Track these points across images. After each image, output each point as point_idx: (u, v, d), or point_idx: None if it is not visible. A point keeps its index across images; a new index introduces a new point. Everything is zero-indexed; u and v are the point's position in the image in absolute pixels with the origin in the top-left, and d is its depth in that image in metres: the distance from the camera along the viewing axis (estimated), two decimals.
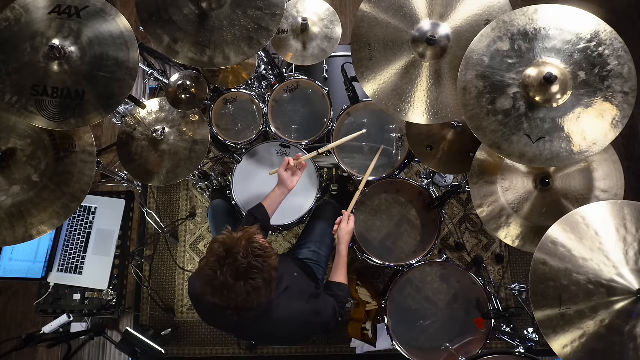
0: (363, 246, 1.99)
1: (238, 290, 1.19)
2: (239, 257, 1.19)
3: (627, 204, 1.24)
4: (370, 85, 1.46)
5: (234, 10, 1.48)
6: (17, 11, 1.37)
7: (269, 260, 1.24)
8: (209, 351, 2.56)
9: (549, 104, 1.25)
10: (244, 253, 1.20)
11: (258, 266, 1.20)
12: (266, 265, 1.22)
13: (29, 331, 2.02)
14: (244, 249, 1.21)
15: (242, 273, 1.19)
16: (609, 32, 1.22)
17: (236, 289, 1.19)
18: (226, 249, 1.21)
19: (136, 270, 2.56)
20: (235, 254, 1.19)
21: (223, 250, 1.21)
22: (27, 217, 1.43)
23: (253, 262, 1.20)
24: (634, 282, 1.17)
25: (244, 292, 1.19)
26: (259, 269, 1.20)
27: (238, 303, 1.21)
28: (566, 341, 1.20)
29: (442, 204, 1.96)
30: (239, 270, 1.18)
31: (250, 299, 1.21)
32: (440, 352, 1.93)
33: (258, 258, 1.21)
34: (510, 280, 2.56)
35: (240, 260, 1.19)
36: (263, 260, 1.22)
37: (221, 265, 1.19)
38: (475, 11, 1.39)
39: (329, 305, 1.54)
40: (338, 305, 1.57)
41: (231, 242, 1.22)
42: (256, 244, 1.23)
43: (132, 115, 1.79)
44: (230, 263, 1.19)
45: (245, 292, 1.19)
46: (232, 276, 1.18)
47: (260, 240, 1.26)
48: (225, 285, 1.18)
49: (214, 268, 1.20)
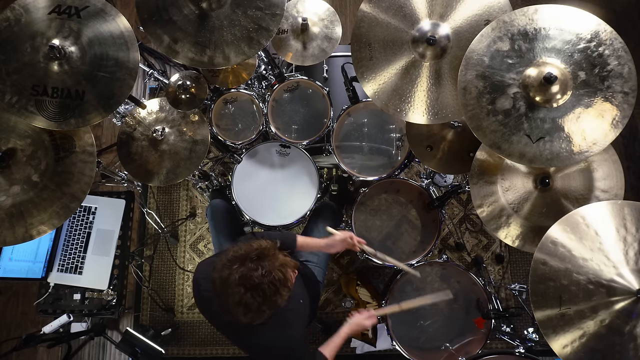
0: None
1: (233, 293, 1.16)
2: (259, 270, 1.15)
3: (627, 204, 1.24)
4: (370, 85, 1.46)
5: (234, 10, 1.48)
6: (17, 11, 1.37)
7: (278, 297, 1.18)
8: (209, 351, 2.56)
9: (549, 104, 1.25)
10: (266, 272, 1.16)
11: (266, 291, 1.16)
12: (272, 298, 1.17)
13: (29, 331, 2.02)
14: (270, 268, 1.16)
15: (248, 284, 1.15)
16: (609, 32, 1.22)
17: (232, 290, 1.16)
18: (258, 255, 1.17)
19: (136, 270, 2.56)
20: (260, 265, 1.16)
21: (256, 253, 1.17)
22: (27, 217, 1.43)
23: (264, 285, 1.15)
24: (634, 282, 1.17)
25: (235, 299, 1.15)
26: (264, 294, 1.16)
27: (227, 305, 1.18)
28: (566, 341, 1.20)
29: (442, 204, 1.96)
30: (248, 280, 1.15)
31: (236, 310, 1.17)
32: (440, 352, 1.93)
33: (272, 286, 1.16)
34: (510, 280, 2.55)
35: (257, 274, 1.15)
36: (274, 292, 1.17)
37: (242, 262, 1.16)
38: (475, 11, 1.39)
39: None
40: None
41: (267, 254, 1.19)
42: (282, 275, 1.18)
43: (132, 115, 1.79)
44: (250, 267, 1.15)
45: (237, 300, 1.15)
46: (240, 277, 1.15)
47: (289, 275, 1.21)
48: (227, 281, 1.16)
49: (233, 260, 1.17)
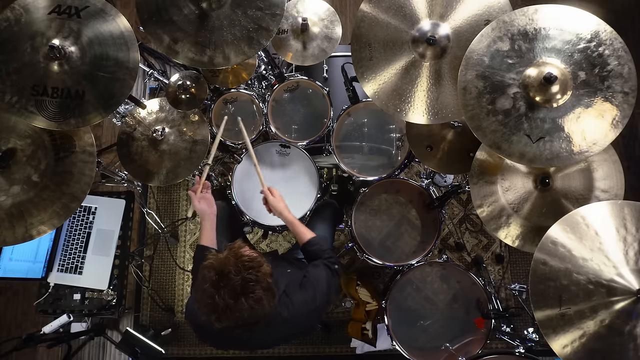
0: (363, 246, 1.99)
1: (241, 306, 1.18)
2: (231, 275, 1.18)
3: (627, 204, 1.24)
4: (370, 85, 1.46)
5: (234, 10, 1.48)
6: (17, 11, 1.37)
7: (261, 269, 1.23)
8: (209, 351, 2.56)
9: (549, 104, 1.25)
10: (235, 270, 1.19)
11: (253, 278, 1.19)
12: (260, 275, 1.21)
13: (29, 331, 2.02)
14: (234, 266, 1.19)
15: (239, 290, 1.18)
16: (609, 32, 1.22)
17: (239, 306, 1.18)
18: (217, 272, 1.19)
19: (136, 270, 2.56)
20: (227, 274, 1.18)
21: (214, 273, 1.19)
22: (27, 217, 1.43)
23: (247, 276, 1.19)
24: (634, 282, 1.17)
25: (247, 307, 1.18)
26: (254, 280, 1.19)
27: (245, 319, 1.20)
28: (566, 341, 1.20)
29: (442, 204, 1.96)
30: (235, 289, 1.17)
31: (255, 312, 1.20)
32: (440, 352, 1.93)
33: (250, 270, 1.20)
34: (510, 280, 2.55)
35: (234, 279, 1.17)
36: (256, 271, 1.21)
37: (217, 289, 1.18)
38: (475, 11, 1.39)
39: (321, 277, 1.47)
40: (325, 262, 1.52)
41: (219, 263, 1.21)
42: (244, 257, 1.22)
43: (132, 115, 1.79)
44: (225, 284, 1.17)
45: (249, 306, 1.18)
46: (230, 296, 1.17)
47: (247, 252, 1.25)
48: (228, 307, 1.17)
49: (211, 294, 1.18)
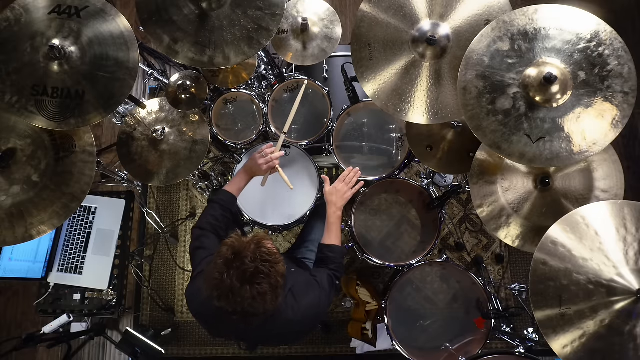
0: (363, 246, 1.99)
1: (244, 294, 1.18)
2: (246, 260, 1.19)
3: (627, 204, 1.24)
4: (370, 85, 1.46)
5: (234, 10, 1.48)
6: (17, 11, 1.37)
7: (276, 266, 1.23)
8: (209, 351, 2.56)
9: (549, 104, 1.25)
10: (252, 257, 1.19)
11: (265, 271, 1.20)
12: (273, 271, 1.21)
13: (29, 331, 2.02)
14: (252, 252, 1.20)
15: (248, 277, 1.18)
16: (609, 32, 1.22)
17: (242, 293, 1.18)
18: (234, 252, 1.20)
19: (136, 270, 2.56)
20: (243, 258, 1.19)
21: (231, 253, 1.20)
22: (27, 217, 1.43)
23: (260, 267, 1.19)
24: (634, 282, 1.17)
25: (249, 296, 1.18)
26: (265, 274, 1.20)
27: (244, 307, 1.20)
28: (566, 341, 1.20)
29: (442, 204, 1.96)
30: (245, 274, 1.18)
31: (255, 304, 1.20)
32: (440, 352, 1.93)
33: (265, 263, 1.20)
34: (510, 280, 2.55)
35: (248, 264, 1.18)
36: (270, 265, 1.21)
37: (228, 268, 1.19)
38: (475, 11, 1.39)
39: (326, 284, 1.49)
40: (330, 272, 1.54)
41: (240, 245, 1.22)
42: (265, 249, 1.23)
43: (132, 115, 1.79)
44: (238, 266, 1.18)
45: (251, 296, 1.18)
46: (238, 279, 1.17)
47: (269, 245, 1.25)
48: (231, 289, 1.18)
49: (221, 271, 1.19)
